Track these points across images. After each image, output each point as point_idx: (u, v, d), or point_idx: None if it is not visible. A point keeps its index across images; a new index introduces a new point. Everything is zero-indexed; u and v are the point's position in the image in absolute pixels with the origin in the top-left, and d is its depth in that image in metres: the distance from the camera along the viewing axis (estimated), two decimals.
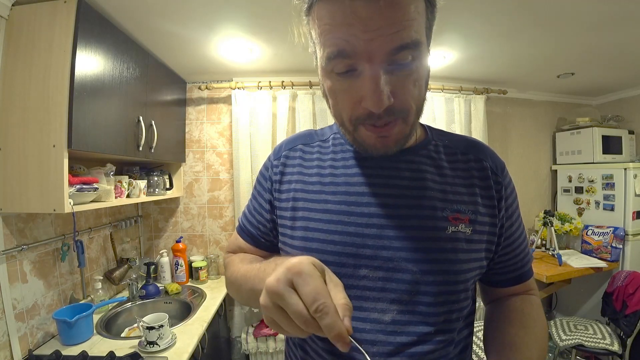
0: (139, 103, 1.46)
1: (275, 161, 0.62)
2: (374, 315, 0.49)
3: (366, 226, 0.51)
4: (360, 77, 0.43)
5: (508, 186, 0.58)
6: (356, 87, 0.43)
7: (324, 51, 0.44)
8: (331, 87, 0.46)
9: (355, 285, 0.50)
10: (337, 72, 0.44)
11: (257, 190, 0.65)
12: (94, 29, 1.15)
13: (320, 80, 0.49)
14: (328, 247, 0.51)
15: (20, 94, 1.06)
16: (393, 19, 0.39)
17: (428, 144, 0.58)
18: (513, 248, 0.59)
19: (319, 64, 0.47)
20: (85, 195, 1.18)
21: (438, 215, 0.51)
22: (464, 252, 0.51)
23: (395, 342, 0.48)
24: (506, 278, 0.61)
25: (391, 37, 0.40)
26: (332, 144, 0.60)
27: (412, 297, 0.49)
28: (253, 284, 0.51)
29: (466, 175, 0.56)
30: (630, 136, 2.42)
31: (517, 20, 1.42)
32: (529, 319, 0.55)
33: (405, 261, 0.49)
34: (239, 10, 1.30)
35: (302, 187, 0.57)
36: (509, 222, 0.57)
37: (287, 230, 0.57)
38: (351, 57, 0.41)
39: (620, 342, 1.70)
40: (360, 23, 0.39)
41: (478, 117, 2.23)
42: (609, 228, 2.15)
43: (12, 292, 1.10)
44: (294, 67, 1.95)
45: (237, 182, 2.00)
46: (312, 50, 0.51)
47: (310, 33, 0.47)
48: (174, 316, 1.56)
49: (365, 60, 0.41)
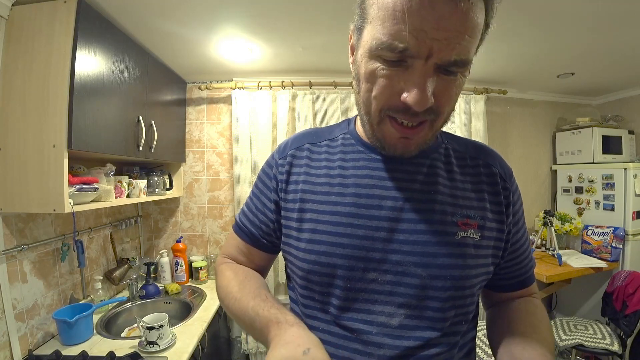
0: (138, 103, 1.46)
1: (281, 160, 0.60)
2: (382, 319, 0.49)
3: (376, 229, 0.50)
4: (409, 70, 0.41)
5: (515, 192, 0.58)
6: (401, 79, 0.42)
7: (382, 35, 0.40)
8: (372, 71, 0.43)
9: (363, 289, 0.50)
10: (386, 58, 0.41)
11: (259, 189, 0.63)
12: (94, 29, 1.15)
13: (357, 61, 0.47)
14: (337, 250, 0.50)
15: (20, 93, 1.06)
16: (464, 27, 0.39)
17: (439, 147, 0.57)
18: (518, 254, 0.59)
19: (367, 44, 0.43)
20: (85, 195, 1.18)
21: (448, 220, 0.51)
22: (472, 257, 0.50)
23: (402, 346, 0.48)
24: (510, 283, 0.61)
25: (454, 47, 0.39)
26: (341, 143, 0.59)
27: (420, 301, 0.49)
28: (243, 324, 0.53)
29: (475, 180, 0.56)
30: (630, 136, 2.42)
31: (517, 20, 1.42)
32: (535, 318, 0.55)
33: (414, 265, 0.49)
34: (239, 10, 1.30)
35: (309, 187, 0.55)
36: (515, 228, 0.57)
37: (292, 232, 0.56)
38: (411, 52, 0.40)
39: (620, 342, 1.70)
40: (434, 19, 0.37)
41: (478, 117, 2.23)
42: (609, 228, 2.15)
43: (12, 292, 1.10)
44: (294, 67, 1.95)
45: (237, 182, 2.00)
46: (354, 26, 0.47)
47: (364, 7, 0.43)
48: (174, 316, 1.56)
49: (422, 57, 0.40)
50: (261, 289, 0.55)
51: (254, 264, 0.65)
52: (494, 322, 0.60)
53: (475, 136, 2.22)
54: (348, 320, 0.50)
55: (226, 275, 0.61)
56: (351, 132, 0.59)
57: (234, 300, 0.55)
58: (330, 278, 0.51)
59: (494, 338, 0.57)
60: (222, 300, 0.60)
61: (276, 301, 0.52)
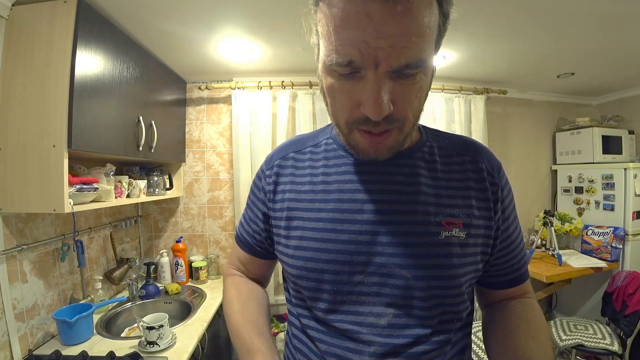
0: (138, 103, 1.46)
1: (268, 171, 0.62)
2: (370, 319, 0.50)
3: (359, 233, 0.51)
4: (362, 81, 0.41)
5: (504, 187, 0.57)
6: (357, 90, 0.42)
7: (329, 52, 0.41)
8: (331, 86, 0.44)
9: (351, 292, 0.51)
10: (340, 72, 0.42)
11: (251, 199, 0.66)
12: (94, 29, 1.15)
13: (319, 76, 0.47)
14: (322, 255, 0.51)
15: (20, 94, 1.06)
16: (407, 29, 0.37)
17: (423, 145, 0.57)
18: (509, 250, 0.58)
19: (321, 60, 0.45)
20: (85, 195, 1.18)
21: (431, 220, 0.51)
22: (457, 256, 0.50)
23: (392, 343, 0.48)
24: (502, 280, 0.60)
25: (400, 51, 0.38)
26: (324, 149, 0.59)
27: (406, 301, 0.49)
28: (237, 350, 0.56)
29: (461, 177, 0.55)
30: (630, 136, 2.42)
31: (517, 20, 1.42)
32: (534, 327, 0.54)
33: (398, 267, 0.49)
34: (239, 10, 1.30)
35: (295, 196, 0.57)
36: (505, 224, 0.57)
37: (282, 240, 0.58)
38: (358, 64, 0.40)
39: (620, 342, 1.70)
40: (373, 28, 0.37)
41: (478, 117, 2.23)
42: (609, 228, 2.15)
43: (12, 292, 1.10)
44: (294, 67, 1.95)
45: (237, 182, 2.00)
46: (314, 43, 0.48)
47: (316, 24, 0.44)
48: (174, 316, 1.56)
49: (371, 66, 0.39)
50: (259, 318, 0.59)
51: (254, 273, 0.70)
52: (492, 328, 0.59)
53: (475, 136, 2.22)
54: (338, 322, 0.51)
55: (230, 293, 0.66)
56: (333, 137, 0.60)
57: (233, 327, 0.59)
58: (317, 283, 0.52)
59: (493, 347, 0.56)
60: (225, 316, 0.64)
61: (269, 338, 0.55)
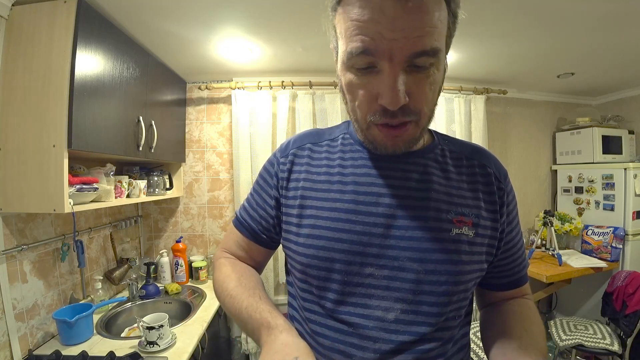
0: (139, 103, 1.46)
1: (282, 158, 0.62)
2: (378, 313, 0.50)
3: (373, 225, 0.52)
4: (379, 75, 0.44)
5: (510, 193, 0.60)
6: (374, 84, 0.45)
7: (347, 46, 0.45)
8: (350, 82, 0.47)
9: (360, 283, 0.51)
10: (358, 67, 0.45)
11: (260, 185, 0.65)
12: (94, 29, 1.15)
13: (338, 75, 0.50)
14: (335, 244, 0.52)
15: (20, 93, 1.06)
16: (418, 22, 0.41)
17: (435, 147, 0.59)
18: (511, 253, 0.60)
19: (340, 59, 0.48)
20: (85, 195, 1.18)
21: (443, 217, 0.52)
22: (466, 254, 0.52)
23: (397, 340, 0.49)
24: (503, 282, 0.62)
25: (414, 41, 0.41)
26: (341, 143, 0.61)
27: (415, 296, 0.50)
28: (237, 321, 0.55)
29: (471, 180, 0.57)
30: (630, 136, 2.42)
31: (517, 21, 1.42)
32: (529, 322, 0.56)
33: (410, 260, 0.50)
34: (239, 10, 1.30)
35: (310, 185, 0.57)
36: (509, 227, 0.59)
37: (292, 228, 0.57)
38: (373, 54, 0.43)
39: (620, 342, 1.70)
40: (387, 22, 0.41)
41: (478, 117, 2.23)
42: (609, 228, 2.15)
43: (12, 292, 1.10)
44: (294, 67, 1.95)
45: (237, 182, 2.00)
46: (333, 46, 0.52)
47: (335, 27, 0.49)
48: (174, 316, 1.56)
49: (386, 59, 0.42)
50: (256, 289, 0.57)
51: (252, 259, 0.67)
52: (488, 324, 0.61)
53: (475, 136, 2.22)
54: (345, 314, 0.51)
55: (224, 271, 0.63)
56: (350, 133, 0.62)
57: (229, 297, 0.57)
58: (328, 272, 0.52)
59: (488, 340, 0.57)
60: (218, 295, 0.61)
61: (269, 303, 0.54)
